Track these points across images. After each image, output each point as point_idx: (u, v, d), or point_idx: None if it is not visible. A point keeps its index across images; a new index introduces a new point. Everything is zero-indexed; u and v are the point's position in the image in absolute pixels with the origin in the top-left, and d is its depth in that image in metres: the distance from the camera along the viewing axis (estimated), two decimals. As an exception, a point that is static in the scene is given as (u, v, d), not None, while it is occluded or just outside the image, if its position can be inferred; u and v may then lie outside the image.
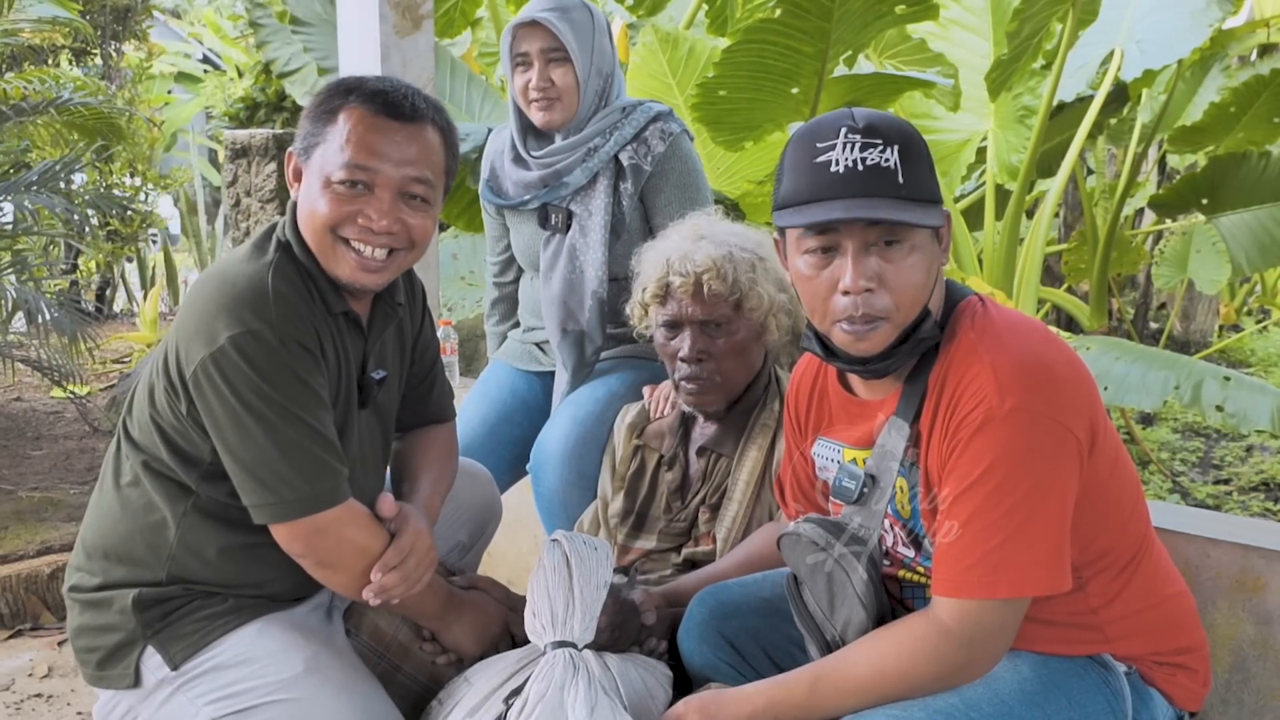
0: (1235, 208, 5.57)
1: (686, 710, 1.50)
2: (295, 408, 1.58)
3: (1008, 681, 1.42)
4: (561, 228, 2.36)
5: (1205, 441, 5.52)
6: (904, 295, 1.41)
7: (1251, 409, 3.45)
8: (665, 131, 2.34)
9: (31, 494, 3.93)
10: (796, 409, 1.75)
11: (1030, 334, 1.45)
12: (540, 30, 2.26)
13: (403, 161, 1.63)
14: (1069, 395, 1.40)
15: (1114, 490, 1.47)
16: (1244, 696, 1.84)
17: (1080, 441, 1.40)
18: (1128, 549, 1.50)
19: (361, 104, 1.62)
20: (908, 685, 1.40)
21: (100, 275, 8.11)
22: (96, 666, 1.72)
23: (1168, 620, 1.53)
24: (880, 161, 1.38)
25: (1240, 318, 9.25)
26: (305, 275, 1.66)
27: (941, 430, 1.43)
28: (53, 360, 4.69)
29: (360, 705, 1.65)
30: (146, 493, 1.69)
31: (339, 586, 1.69)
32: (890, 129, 1.41)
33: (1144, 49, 4.53)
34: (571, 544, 1.71)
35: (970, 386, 1.40)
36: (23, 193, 4.37)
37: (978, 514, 1.37)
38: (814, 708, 1.45)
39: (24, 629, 3.15)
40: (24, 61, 6.77)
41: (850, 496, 1.54)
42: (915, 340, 1.45)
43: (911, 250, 1.41)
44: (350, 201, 1.62)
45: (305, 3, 4.31)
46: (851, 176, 1.38)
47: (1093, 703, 1.45)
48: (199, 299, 1.62)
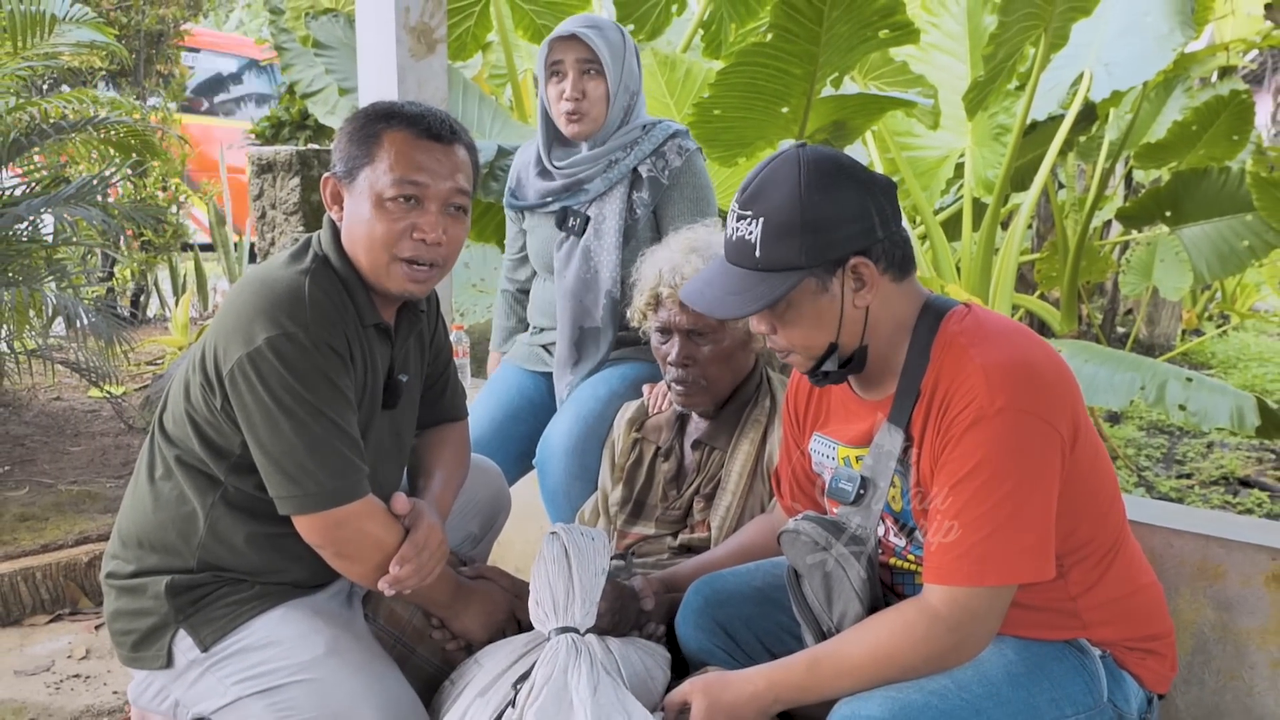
0: (1197, 220, 5.59)
1: (691, 690, 1.49)
2: (323, 407, 1.59)
3: (995, 664, 1.43)
4: (577, 230, 2.37)
5: (1169, 438, 5.51)
6: (793, 342, 1.52)
7: (1212, 408, 3.45)
8: (682, 148, 2.36)
9: (70, 487, 3.93)
10: (795, 406, 1.76)
11: (1017, 337, 1.47)
12: (577, 43, 2.27)
13: (445, 176, 1.67)
14: (1054, 395, 1.42)
15: (1094, 485, 1.48)
16: (1205, 677, 1.84)
17: (1064, 438, 1.41)
18: (1106, 541, 1.51)
19: (403, 128, 1.66)
20: (900, 667, 1.40)
21: (135, 282, 8.09)
22: (131, 648, 1.72)
23: (1140, 609, 1.54)
24: (745, 235, 1.47)
25: (1201, 323, 9.25)
26: (341, 285, 1.68)
27: (934, 430, 1.44)
28: (90, 362, 4.68)
29: (377, 685, 1.65)
30: (178, 485, 1.69)
31: (356, 576, 1.69)
32: (762, 199, 1.46)
33: (1112, 71, 4.54)
34: (569, 535, 1.72)
35: (962, 388, 1.41)
36: (62, 205, 4.36)
37: (968, 506, 1.38)
38: (812, 688, 1.45)
39: (63, 613, 3.15)
40: (64, 83, 6.78)
41: (847, 499, 1.55)
42: (827, 367, 1.52)
43: (788, 308, 1.48)
44: (403, 216, 1.65)
45: (327, 28, 4.31)
46: (729, 245, 1.51)
47: (1072, 684, 1.46)
48: (239, 301, 1.63)
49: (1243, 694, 1.80)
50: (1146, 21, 4.53)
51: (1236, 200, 5.39)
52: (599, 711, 1.49)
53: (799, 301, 1.47)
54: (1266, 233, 5.43)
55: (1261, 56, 9.43)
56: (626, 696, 1.54)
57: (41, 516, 3.58)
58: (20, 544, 3.31)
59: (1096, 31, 4.61)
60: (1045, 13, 3.82)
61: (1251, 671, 1.80)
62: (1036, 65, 4.06)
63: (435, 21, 2.80)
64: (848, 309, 1.48)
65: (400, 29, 2.75)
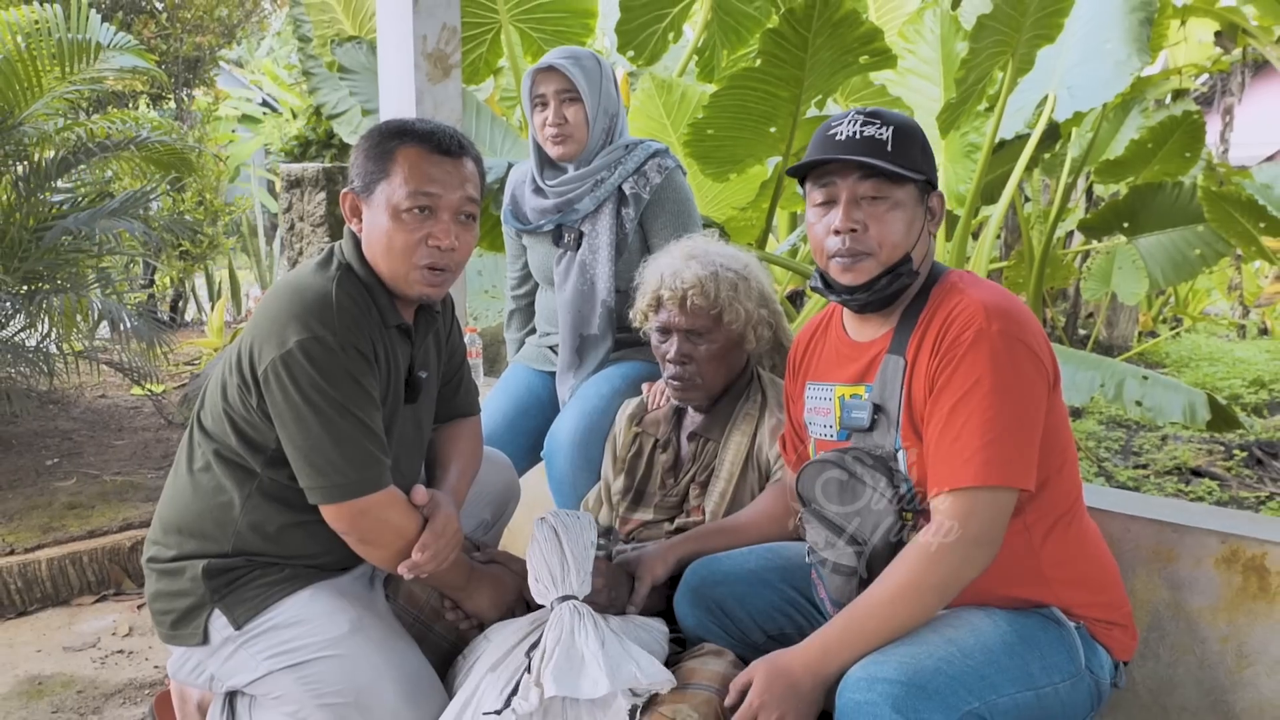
0: (1152, 230, 5.59)
1: (753, 670, 1.46)
2: (349, 405, 1.59)
3: (992, 635, 1.43)
4: (573, 246, 2.37)
5: (1126, 432, 5.52)
6: (884, 239, 1.51)
7: (1166, 404, 3.46)
8: (661, 166, 2.35)
9: (114, 478, 3.93)
10: (794, 356, 1.78)
11: (1007, 291, 1.53)
12: (556, 74, 2.27)
13: (455, 186, 1.67)
14: (1040, 337, 1.47)
15: (1059, 439, 1.51)
16: (1160, 651, 1.84)
17: (1048, 374, 1.46)
18: (1063, 496, 1.53)
19: (415, 144, 1.66)
20: (921, 590, 1.40)
21: (174, 289, 8.10)
22: (170, 627, 1.72)
23: (1098, 578, 1.56)
24: (875, 135, 1.50)
25: (1157, 325, 9.27)
26: (365, 290, 1.68)
27: (930, 352, 1.47)
28: (133, 362, 4.69)
29: (397, 660, 1.65)
30: (216, 477, 1.69)
31: (377, 561, 1.69)
32: (890, 115, 1.53)
33: (1074, 94, 4.53)
34: (557, 517, 1.74)
35: (962, 315, 1.46)
36: (107, 218, 4.37)
37: (974, 415, 1.40)
38: (852, 638, 1.41)
39: (108, 594, 3.15)
40: (108, 105, 6.78)
41: (864, 424, 1.55)
42: (894, 274, 1.52)
43: (894, 206, 1.51)
44: (419, 226, 1.65)
45: (351, 54, 4.31)
46: (850, 143, 1.50)
47: (1057, 654, 1.47)
48: (272, 306, 1.63)
49: (1194, 667, 1.81)
50: (1106, 48, 4.52)
51: (1189, 212, 5.40)
52: (610, 662, 1.50)
53: (905, 203, 1.52)
54: (1216, 242, 5.44)
55: (1211, 80, 9.44)
56: (632, 647, 1.55)
57: (88, 505, 3.58)
58: (69, 530, 3.31)
59: (1059, 57, 4.61)
60: (1012, 40, 3.82)
61: (1202, 646, 1.80)
62: (1004, 88, 4.06)
63: (450, 48, 2.80)
64: (924, 231, 1.55)
65: (418, 55, 2.75)
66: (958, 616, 1.46)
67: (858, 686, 1.34)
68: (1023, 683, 1.41)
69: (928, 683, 1.32)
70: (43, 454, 4.23)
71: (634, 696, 1.49)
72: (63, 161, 4.36)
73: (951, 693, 1.33)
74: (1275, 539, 1.74)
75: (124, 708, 2.46)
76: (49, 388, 4.95)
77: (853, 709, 1.32)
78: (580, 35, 4.28)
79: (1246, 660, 1.76)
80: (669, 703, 1.49)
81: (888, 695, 1.30)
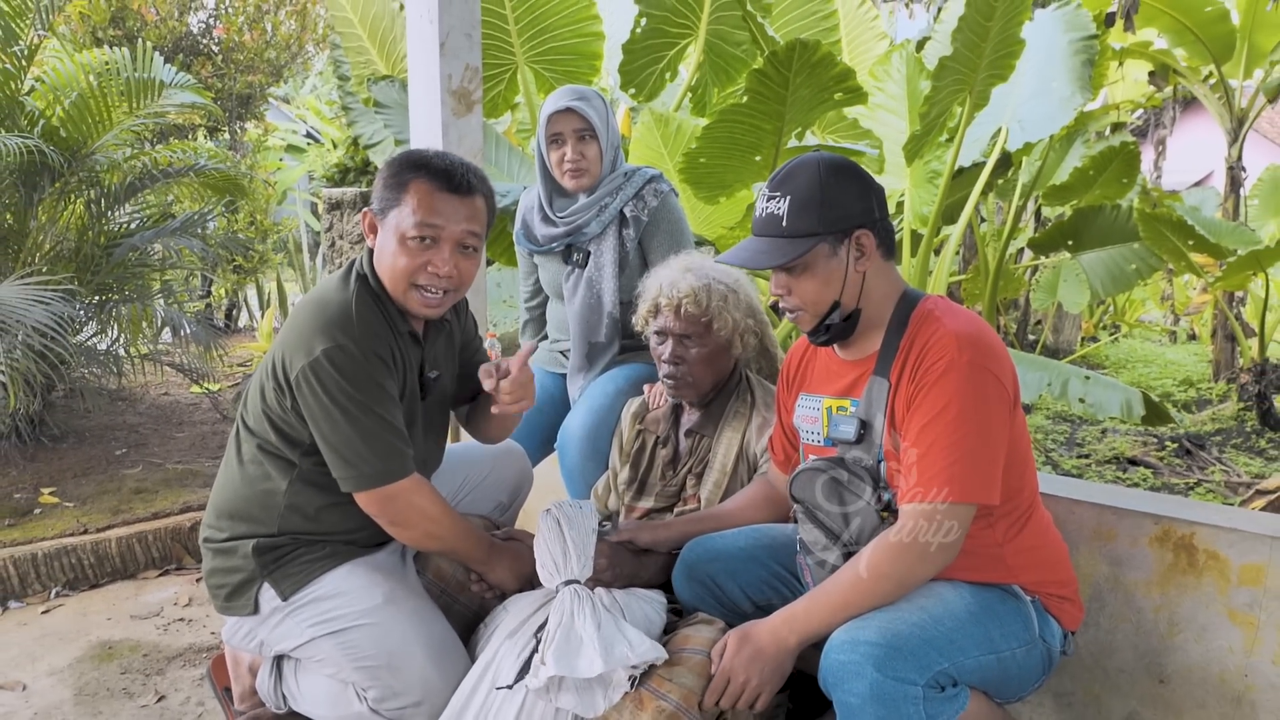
0: (1093, 247, 5.59)
1: (727, 637, 1.49)
2: (372, 404, 1.59)
3: (958, 604, 1.43)
4: (581, 264, 2.36)
5: (1071, 426, 5.51)
6: (804, 299, 1.53)
7: (1106, 401, 3.46)
8: (657, 190, 2.34)
9: (176, 466, 3.93)
10: (788, 369, 1.77)
11: (977, 320, 1.52)
12: (573, 115, 2.25)
13: (460, 221, 1.65)
14: (1004, 364, 1.46)
15: (1020, 453, 1.50)
16: (1100, 620, 1.84)
17: (1009, 398, 1.45)
18: (1025, 500, 1.53)
19: (428, 179, 1.64)
20: (878, 579, 1.40)
21: (228, 299, 8.10)
22: (225, 599, 1.72)
23: (1050, 559, 1.56)
24: (774, 210, 1.50)
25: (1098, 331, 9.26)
26: (380, 302, 1.67)
27: (909, 375, 1.47)
28: (192, 364, 4.69)
29: (425, 628, 1.65)
30: (261, 467, 1.69)
31: (407, 540, 1.70)
32: (794, 183, 1.50)
33: (1024, 126, 4.53)
34: (560, 509, 1.73)
35: (936, 344, 1.45)
36: (169, 236, 4.37)
37: (940, 437, 1.40)
38: (814, 616, 1.43)
39: (170, 569, 3.15)
40: (170, 136, 6.78)
41: (850, 438, 1.54)
42: (827, 320, 1.53)
43: (803, 270, 1.51)
44: (421, 253, 1.64)
45: (385, 91, 4.31)
46: (759, 222, 1.52)
47: (1014, 623, 1.47)
48: (299, 319, 1.63)
49: (1131, 634, 1.80)
50: (1053, 86, 4.52)
51: (1126, 232, 5.40)
52: (604, 642, 1.49)
53: (813, 263, 1.50)
54: (1150, 258, 5.44)
55: (1146, 114, 9.44)
56: (625, 627, 1.55)
57: (152, 490, 3.58)
58: (135, 512, 3.31)
59: (1012, 94, 4.61)
60: (970, 79, 3.82)
61: (1138, 615, 1.80)
62: (963, 121, 4.06)
63: (473, 86, 2.80)
64: (850, 273, 1.51)
65: (445, 93, 2.75)
66: (929, 589, 1.46)
67: (842, 648, 1.34)
68: (985, 647, 1.41)
69: (904, 645, 1.33)
70: (112, 445, 4.23)
71: (632, 668, 1.49)
72: (130, 186, 4.36)
73: (925, 654, 1.33)
74: (1202, 520, 1.74)
75: (184, 669, 2.46)
76: (118, 386, 4.95)
77: (838, 668, 1.33)
78: (588, 75, 4.27)
79: (1177, 627, 1.76)
80: (666, 665, 1.50)
81: (869, 655, 1.31)
